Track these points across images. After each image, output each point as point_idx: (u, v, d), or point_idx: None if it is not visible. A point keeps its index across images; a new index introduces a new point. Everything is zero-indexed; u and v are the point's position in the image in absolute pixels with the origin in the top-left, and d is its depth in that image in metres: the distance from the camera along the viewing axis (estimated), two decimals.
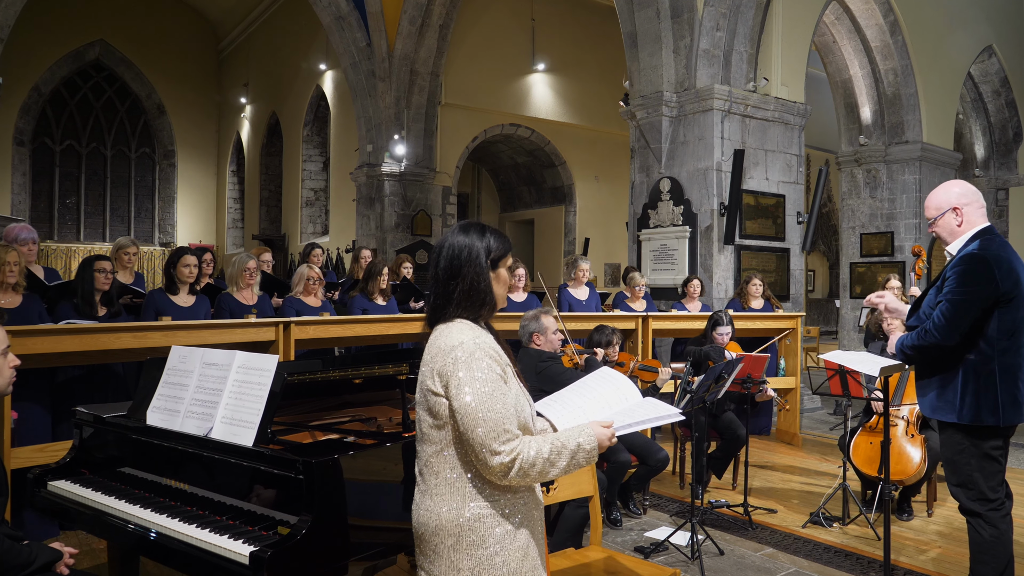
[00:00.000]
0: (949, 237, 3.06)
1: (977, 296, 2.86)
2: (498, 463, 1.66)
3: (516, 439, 1.68)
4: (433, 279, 1.86)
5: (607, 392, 1.99)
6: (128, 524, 2.36)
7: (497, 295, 1.86)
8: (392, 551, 2.35)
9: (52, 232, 19.00)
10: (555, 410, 1.95)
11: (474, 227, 1.87)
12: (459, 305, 1.81)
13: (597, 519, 3.01)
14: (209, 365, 2.50)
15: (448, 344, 1.74)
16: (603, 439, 1.79)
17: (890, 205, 10.40)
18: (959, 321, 2.86)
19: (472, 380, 1.68)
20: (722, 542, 4.18)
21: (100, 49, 18.98)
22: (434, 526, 1.74)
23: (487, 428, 1.66)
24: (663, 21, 7.70)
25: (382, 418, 2.85)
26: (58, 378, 4.20)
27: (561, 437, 1.74)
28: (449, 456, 1.75)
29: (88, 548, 3.81)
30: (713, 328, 5.44)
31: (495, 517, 1.74)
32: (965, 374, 2.92)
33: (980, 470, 2.92)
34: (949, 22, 10.65)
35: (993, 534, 2.91)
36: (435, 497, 1.76)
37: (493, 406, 1.67)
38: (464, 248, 1.82)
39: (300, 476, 2.10)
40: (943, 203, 3.07)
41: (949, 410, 2.94)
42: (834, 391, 4.53)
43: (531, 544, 1.79)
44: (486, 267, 1.83)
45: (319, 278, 5.39)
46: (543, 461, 1.69)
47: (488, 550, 1.72)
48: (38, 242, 5.03)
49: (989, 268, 2.87)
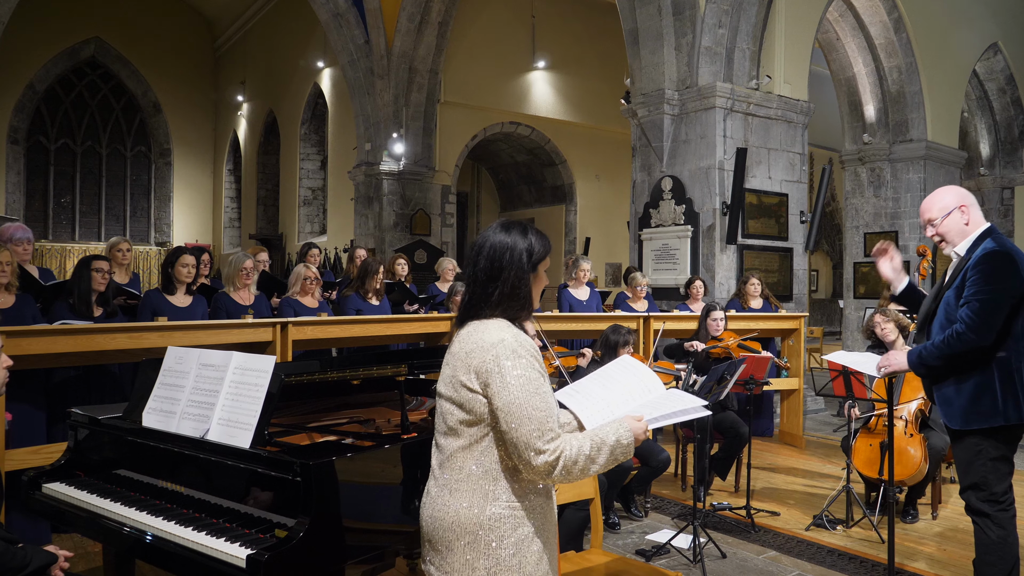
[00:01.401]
0: (957, 237, 3.02)
1: (1007, 291, 2.84)
2: (543, 462, 1.64)
3: (559, 438, 1.67)
4: (471, 278, 1.82)
5: (631, 383, 1.95)
6: (124, 527, 2.34)
7: (535, 298, 1.84)
8: (390, 554, 2.33)
9: (47, 232, 18.86)
10: (578, 401, 1.92)
11: (516, 226, 1.83)
12: (497, 306, 1.77)
13: (598, 522, 2.99)
14: (206, 366, 2.48)
15: (488, 341, 1.71)
16: (638, 433, 1.78)
17: (894, 204, 10.34)
18: (993, 318, 2.82)
19: (516, 377, 1.66)
20: (724, 545, 4.15)
21: (95, 46, 18.83)
22: (450, 522, 1.72)
23: (532, 427, 1.64)
24: (665, 18, 7.65)
25: (380, 420, 2.83)
26: (53, 379, 4.16)
27: (600, 433, 1.73)
28: (478, 453, 1.73)
29: (83, 551, 3.78)
30: (707, 316, 5.57)
31: (516, 519, 1.72)
32: (1001, 374, 2.86)
33: (994, 471, 2.90)
34: (954, 19, 10.58)
35: (1000, 535, 2.89)
36: (455, 492, 1.73)
37: (538, 404, 1.66)
38: (506, 249, 1.78)
39: (297, 478, 2.09)
40: (949, 203, 3.03)
41: (992, 414, 2.86)
42: (837, 392, 4.51)
43: (546, 549, 1.78)
44: (528, 270, 1.79)
45: (316, 278, 5.35)
46: (585, 458, 1.68)
47: (506, 551, 1.70)
48: (33, 242, 4.99)
49: (1014, 262, 2.86)
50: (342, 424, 2.75)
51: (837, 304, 15.56)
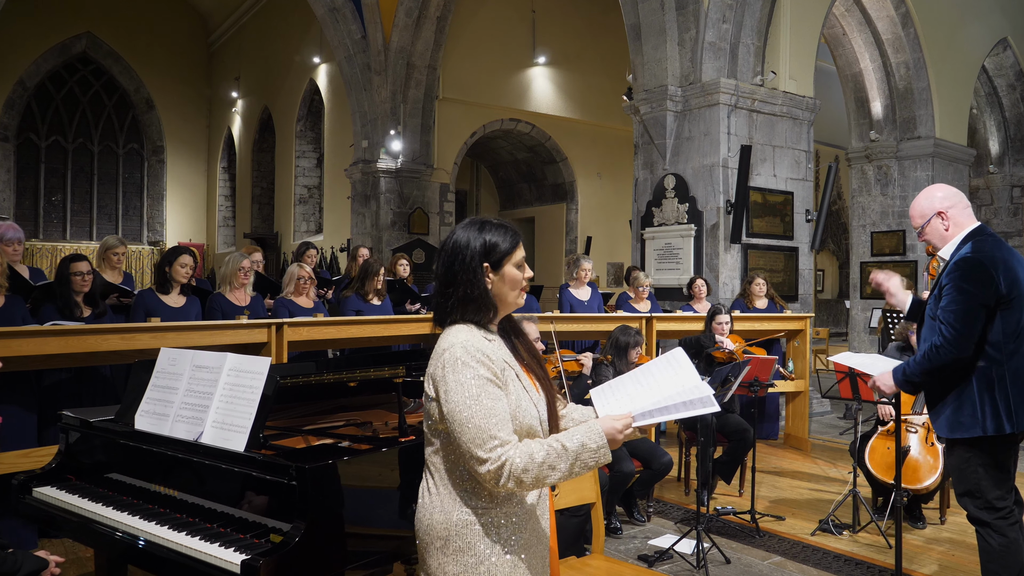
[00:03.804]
0: (940, 243, 3.01)
1: (978, 300, 2.80)
2: (485, 471, 1.61)
3: (504, 446, 1.60)
4: (435, 280, 1.81)
5: (665, 378, 1.85)
6: (116, 532, 2.33)
7: (500, 297, 1.76)
8: (388, 559, 2.31)
9: (37, 230, 18.72)
10: (605, 397, 1.88)
11: (474, 225, 1.76)
12: (456, 311, 1.74)
13: (600, 527, 2.96)
14: (199, 368, 2.49)
15: (440, 348, 1.71)
16: (613, 433, 1.68)
17: (902, 202, 10.28)
18: (969, 329, 2.79)
19: (457, 384, 1.63)
20: (728, 550, 4.10)
21: (87, 42, 18.67)
22: (427, 525, 1.73)
23: (471, 435, 1.61)
24: (667, 13, 7.58)
25: (378, 422, 2.82)
26: (44, 381, 4.14)
27: (561, 438, 1.65)
28: (444, 458, 1.72)
29: (75, 556, 3.74)
30: (712, 319, 5.54)
31: (484, 526, 1.69)
32: (979, 384, 2.84)
33: (988, 478, 2.86)
34: (962, 14, 10.50)
35: (1002, 543, 2.85)
36: (432, 496, 1.74)
37: (477, 411, 1.61)
38: (459, 251, 1.73)
39: (293, 482, 2.08)
40: (927, 209, 3.02)
41: (972, 425, 2.84)
42: (844, 394, 4.49)
43: (524, 558, 1.72)
44: (481, 272, 1.72)
45: (310, 277, 5.30)
46: (537, 466, 1.60)
47: (473, 558, 1.68)
48: (24, 242, 4.95)
49: (985, 270, 2.81)
50: (339, 427, 2.75)
51: (843, 304, 15.47)
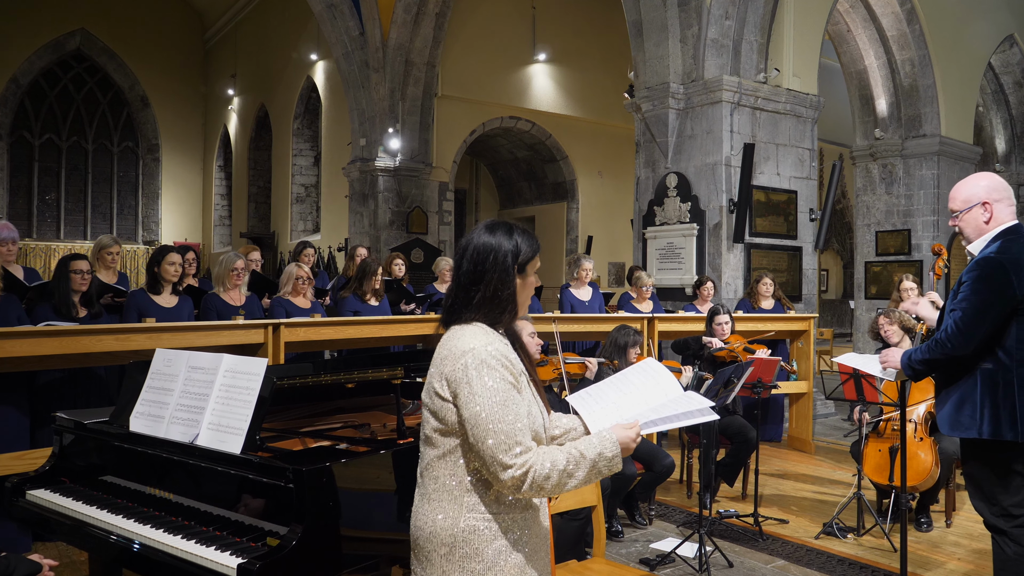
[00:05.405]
0: (974, 235, 2.91)
1: (992, 303, 2.73)
2: (509, 476, 1.61)
3: (528, 452, 1.63)
4: (455, 281, 1.80)
5: (647, 386, 1.90)
6: (110, 535, 2.31)
7: (520, 302, 1.80)
8: (386, 563, 2.30)
9: (31, 230, 18.62)
10: (588, 404, 1.88)
11: (501, 227, 1.79)
12: (478, 310, 1.75)
13: (601, 530, 2.95)
14: (195, 369, 2.46)
15: (459, 349, 1.68)
16: (627, 442, 1.74)
17: (907, 201, 10.22)
18: (973, 330, 2.73)
19: (484, 388, 1.63)
20: (731, 554, 4.07)
21: (81, 38, 18.57)
22: (429, 532, 1.71)
23: (497, 440, 1.61)
24: (669, 9, 7.53)
25: (376, 424, 2.79)
26: (38, 382, 4.12)
27: (580, 446, 1.68)
28: (451, 463, 1.71)
29: (68, 560, 3.72)
30: (712, 319, 5.48)
31: (491, 532, 1.69)
32: (983, 386, 2.78)
33: (1003, 486, 2.80)
34: (968, 10, 10.44)
35: (1017, 551, 2.79)
36: (432, 502, 1.72)
37: (504, 417, 1.62)
38: (490, 251, 1.75)
39: (290, 485, 2.07)
40: (972, 196, 2.91)
41: (969, 426, 2.79)
42: (848, 395, 4.45)
43: (530, 562, 1.74)
44: (512, 272, 1.75)
45: (308, 277, 5.25)
46: (559, 473, 1.63)
47: (480, 564, 1.68)
48: (18, 242, 4.92)
49: (1006, 273, 2.73)
50: (336, 429, 2.73)
51: (848, 305, 15.37)
